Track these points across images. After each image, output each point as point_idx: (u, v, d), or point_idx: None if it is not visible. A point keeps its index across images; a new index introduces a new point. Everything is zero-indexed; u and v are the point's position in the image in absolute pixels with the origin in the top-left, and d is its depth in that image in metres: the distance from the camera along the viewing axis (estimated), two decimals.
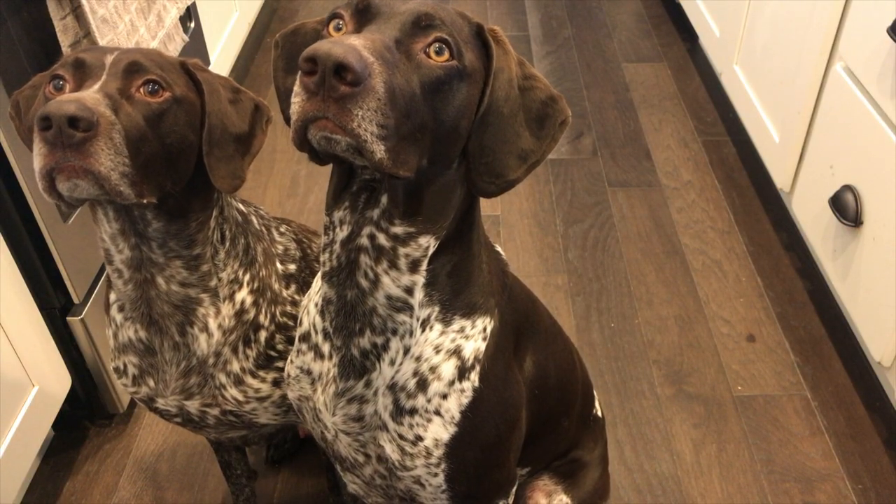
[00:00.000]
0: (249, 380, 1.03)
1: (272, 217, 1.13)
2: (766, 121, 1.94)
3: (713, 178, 2.19)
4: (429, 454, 0.86)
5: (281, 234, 1.10)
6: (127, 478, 1.49)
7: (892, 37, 1.30)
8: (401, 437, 0.86)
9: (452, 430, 0.85)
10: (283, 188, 2.21)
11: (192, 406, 1.04)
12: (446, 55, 0.70)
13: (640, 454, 1.51)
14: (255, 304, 1.01)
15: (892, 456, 1.50)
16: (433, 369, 0.84)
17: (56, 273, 1.34)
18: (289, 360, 0.96)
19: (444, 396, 0.85)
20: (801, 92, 1.71)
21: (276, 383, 1.04)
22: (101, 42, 1.34)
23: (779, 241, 1.97)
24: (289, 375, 0.95)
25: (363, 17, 0.71)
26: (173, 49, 1.67)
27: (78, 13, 1.31)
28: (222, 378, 1.02)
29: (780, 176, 1.85)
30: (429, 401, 0.84)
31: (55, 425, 1.44)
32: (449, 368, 0.84)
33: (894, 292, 1.37)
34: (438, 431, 0.85)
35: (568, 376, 1.10)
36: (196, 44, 1.89)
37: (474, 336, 0.85)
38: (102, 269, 1.44)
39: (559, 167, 2.26)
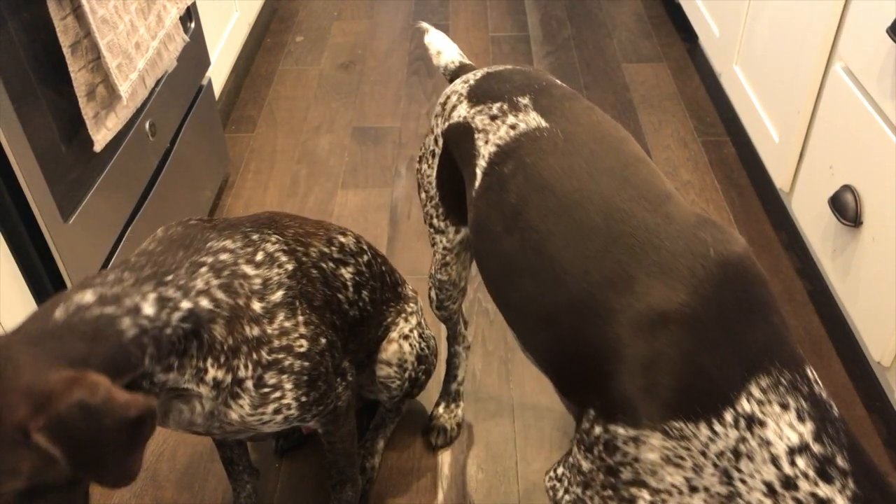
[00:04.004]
0: (249, 419, 1.03)
1: (251, 236, 1.04)
2: (766, 121, 1.94)
3: (713, 178, 2.19)
4: None
5: (257, 265, 1.01)
6: None
7: (891, 37, 1.30)
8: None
9: None
10: (283, 188, 2.21)
11: (196, 428, 1.05)
12: None
13: None
14: (229, 369, 0.97)
15: (892, 456, 1.50)
16: None
17: (56, 273, 1.34)
18: None
19: None
20: (801, 92, 1.71)
21: (277, 412, 1.03)
22: (101, 42, 1.34)
23: (779, 241, 1.97)
24: None
25: None
26: (173, 49, 1.67)
27: (78, 13, 1.31)
28: (224, 419, 1.02)
29: (779, 176, 1.86)
30: None
31: None
32: None
33: (894, 292, 1.37)
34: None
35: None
36: (196, 44, 1.89)
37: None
38: (103, 269, 1.44)
39: None
